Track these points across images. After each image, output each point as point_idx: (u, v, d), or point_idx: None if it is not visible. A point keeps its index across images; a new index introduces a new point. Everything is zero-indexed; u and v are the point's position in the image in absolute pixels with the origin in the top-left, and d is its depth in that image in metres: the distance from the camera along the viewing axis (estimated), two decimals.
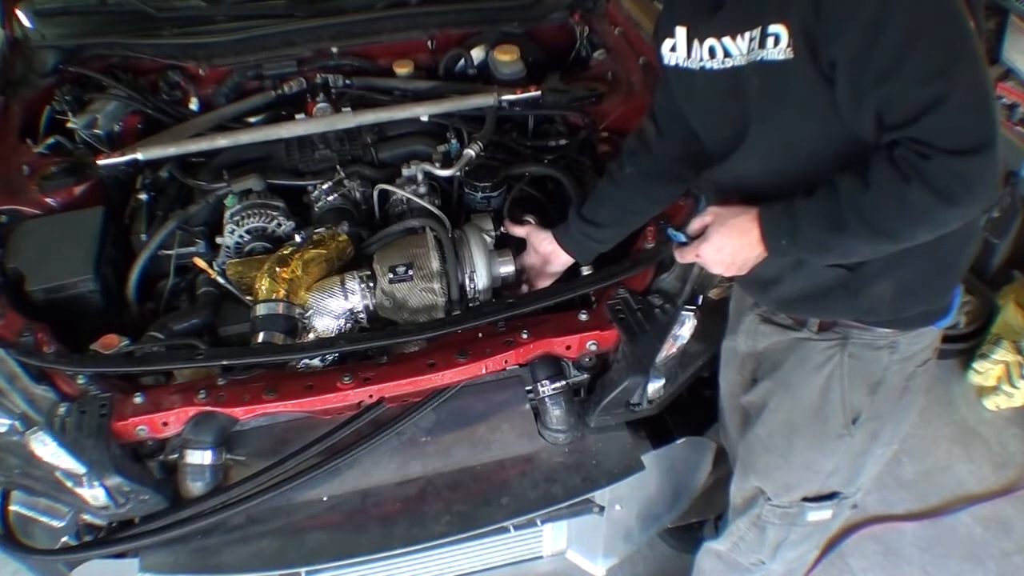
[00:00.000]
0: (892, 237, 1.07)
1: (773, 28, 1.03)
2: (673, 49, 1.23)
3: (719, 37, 1.12)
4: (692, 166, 1.41)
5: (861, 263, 1.19)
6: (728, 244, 1.19)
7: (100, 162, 1.81)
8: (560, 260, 1.63)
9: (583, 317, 1.53)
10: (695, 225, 1.25)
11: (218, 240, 1.73)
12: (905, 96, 0.97)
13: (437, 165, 1.82)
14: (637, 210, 1.55)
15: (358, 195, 1.84)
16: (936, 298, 1.28)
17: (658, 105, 1.45)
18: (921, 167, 0.97)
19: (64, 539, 1.55)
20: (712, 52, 1.15)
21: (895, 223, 1.04)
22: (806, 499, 1.49)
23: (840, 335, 1.32)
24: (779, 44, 1.03)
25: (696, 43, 1.18)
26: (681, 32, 1.20)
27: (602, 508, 1.70)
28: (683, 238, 1.27)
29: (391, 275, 1.55)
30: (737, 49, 1.10)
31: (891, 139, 1.01)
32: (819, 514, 1.51)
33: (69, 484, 1.40)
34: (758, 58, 1.07)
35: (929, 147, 0.97)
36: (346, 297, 1.57)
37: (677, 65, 1.24)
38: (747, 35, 1.08)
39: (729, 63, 1.13)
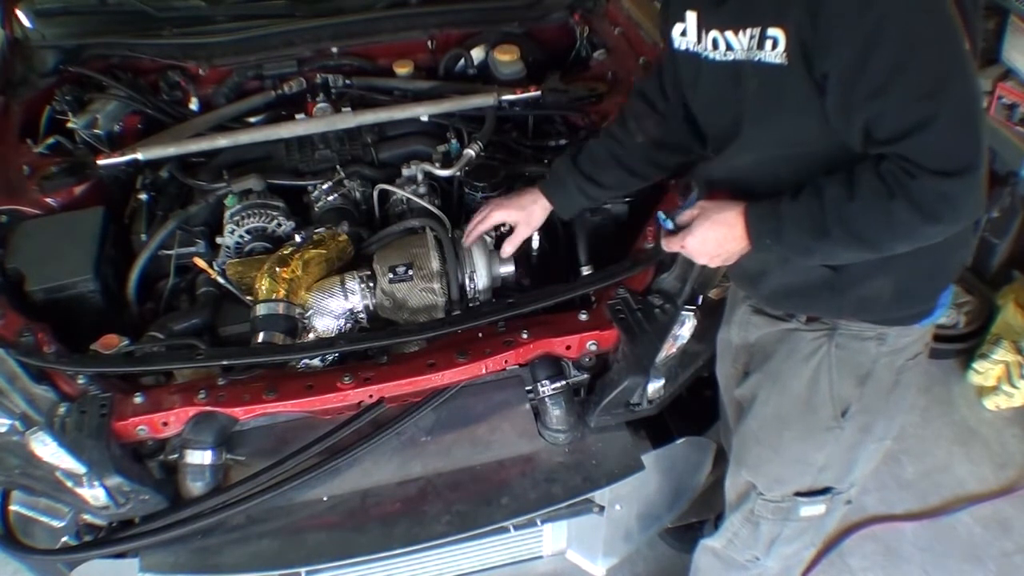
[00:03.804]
0: (873, 247, 1.10)
1: (772, 31, 1.04)
2: (684, 33, 1.23)
3: (723, 29, 1.13)
4: (697, 138, 1.40)
5: (846, 264, 1.21)
6: (712, 236, 1.22)
7: (100, 162, 1.81)
8: (536, 218, 1.60)
9: (583, 317, 1.53)
10: (684, 216, 1.28)
11: (218, 240, 1.73)
12: (894, 114, 0.98)
13: (437, 165, 1.82)
14: (643, 175, 1.54)
15: (358, 195, 1.84)
16: (922, 301, 1.28)
17: (665, 74, 1.41)
18: (907, 184, 0.99)
19: (64, 539, 1.55)
20: (715, 43, 1.15)
21: (877, 235, 1.07)
22: (798, 494, 1.49)
23: (828, 325, 1.33)
24: (776, 48, 1.04)
25: (703, 31, 1.18)
26: (691, 17, 1.20)
27: (602, 508, 1.70)
28: (671, 225, 1.29)
29: (391, 275, 1.55)
30: (738, 43, 1.11)
31: (878, 152, 1.02)
32: (812, 509, 1.51)
33: (69, 484, 1.40)
34: (756, 58, 1.08)
35: (916, 166, 0.98)
36: (346, 297, 1.57)
37: (687, 49, 1.24)
38: (748, 32, 1.08)
39: (731, 56, 1.13)
